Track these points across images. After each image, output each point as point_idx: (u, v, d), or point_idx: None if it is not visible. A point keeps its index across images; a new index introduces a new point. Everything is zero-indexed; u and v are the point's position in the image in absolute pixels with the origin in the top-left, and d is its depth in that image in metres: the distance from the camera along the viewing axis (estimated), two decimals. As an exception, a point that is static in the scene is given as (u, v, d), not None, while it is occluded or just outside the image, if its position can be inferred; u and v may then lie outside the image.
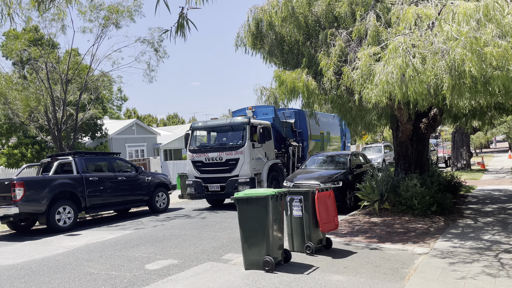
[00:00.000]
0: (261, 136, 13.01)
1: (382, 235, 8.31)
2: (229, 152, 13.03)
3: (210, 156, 13.35)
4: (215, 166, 13.25)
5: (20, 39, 16.91)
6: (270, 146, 13.97)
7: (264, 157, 13.52)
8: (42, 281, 6.30)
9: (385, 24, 8.23)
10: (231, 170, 12.95)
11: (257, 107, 15.22)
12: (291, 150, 15.32)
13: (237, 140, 13.22)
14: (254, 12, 10.12)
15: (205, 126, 14.09)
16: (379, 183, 10.40)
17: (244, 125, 13.16)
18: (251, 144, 12.95)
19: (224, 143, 13.55)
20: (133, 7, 16.92)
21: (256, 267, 6.17)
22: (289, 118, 16.62)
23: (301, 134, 16.37)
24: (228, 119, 13.87)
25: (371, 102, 7.31)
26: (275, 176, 13.87)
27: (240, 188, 12.50)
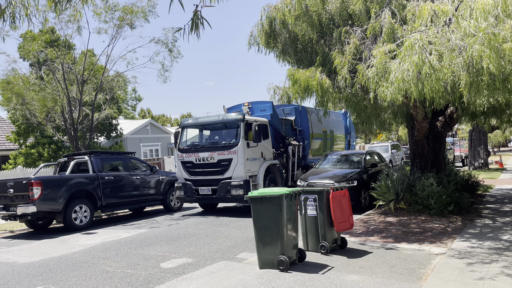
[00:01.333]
0: (256, 135, 11.76)
1: (398, 235, 8.22)
2: (221, 152, 11.87)
3: (201, 156, 12.16)
4: (206, 167, 12.09)
5: (37, 41, 17.18)
6: (267, 145, 12.85)
7: (261, 158, 12.40)
8: (60, 278, 6.39)
9: (401, 21, 8.13)
10: (224, 172, 11.79)
11: (253, 103, 14.14)
12: (291, 150, 14.19)
13: (230, 138, 12.08)
14: (267, 10, 10.11)
15: (195, 123, 12.91)
16: (394, 182, 10.28)
17: (238, 122, 11.94)
18: (246, 143, 11.81)
19: (216, 142, 12.44)
20: (147, 7, 17.05)
21: (270, 266, 6.16)
22: (289, 115, 15.46)
23: (301, 133, 15.19)
24: (220, 116, 12.44)
25: (386, 100, 7.22)
26: (272, 178, 12.73)
27: (233, 192, 11.49)
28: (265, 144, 12.66)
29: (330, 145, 17.28)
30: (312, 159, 15.50)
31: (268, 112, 13.79)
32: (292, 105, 15.04)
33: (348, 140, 19.35)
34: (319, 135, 16.21)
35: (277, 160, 13.25)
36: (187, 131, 13.09)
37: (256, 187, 11.76)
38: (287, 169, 14.09)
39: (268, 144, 12.84)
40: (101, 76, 18.14)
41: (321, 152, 16.25)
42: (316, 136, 15.94)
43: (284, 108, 15.35)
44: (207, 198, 12.17)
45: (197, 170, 12.25)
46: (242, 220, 10.91)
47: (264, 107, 13.97)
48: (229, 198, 11.58)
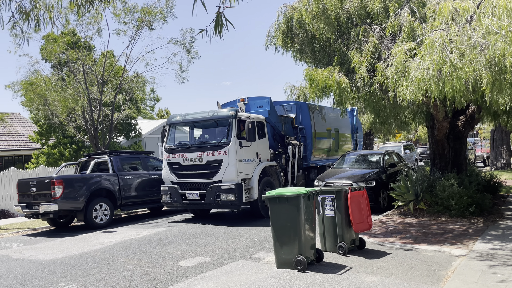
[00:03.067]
0: (250, 133, 10.57)
1: (417, 236, 8.10)
2: (211, 152, 10.71)
3: (189, 156, 11.02)
4: (194, 169, 10.97)
5: (58, 42, 17.54)
6: (264, 145, 11.65)
7: (255, 159, 11.19)
8: (81, 275, 6.52)
9: (420, 19, 8.02)
10: (213, 175, 10.65)
11: (250, 98, 12.96)
12: (291, 150, 12.88)
13: (221, 137, 10.91)
14: (284, 10, 10.10)
15: (183, 120, 11.68)
16: (414, 182, 10.14)
17: (229, 119, 10.78)
18: (238, 142, 10.62)
19: (205, 141, 11.33)
20: (165, 8, 17.23)
21: (288, 266, 6.15)
22: (289, 112, 14.19)
23: (303, 131, 13.90)
24: (210, 112, 11.26)
25: (405, 99, 7.14)
26: (268, 181, 11.50)
27: (223, 197, 10.40)
28: (261, 143, 11.51)
29: (335, 145, 16.01)
30: (315, 160, 14.53)
31: (265, 108, 12.57)
32: (292, 101, 14.11)
33: (355, 140, 18.05)
34: (322, 134, 14.96)
35: (274, 162, 12.08)
36: (175, 129, 12.12)
37: (250, 192, 10.74)
38: (286, 171, 12.89)
39: (264, 144, 11.70)
40: (121, 77, 18.41)
41: (325, 153, 15.26)
42: (320, 135, 14.69)
43: (284, 105, 14.30)
44: (195, 204, 11.03)
45: (185, 173, 11.14)
46: (259, 220, 10.90)
47: (261, 103, 12.79)
48: (219, 204, 10.54)
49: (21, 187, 11.30)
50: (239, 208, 10.62)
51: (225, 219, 11.51)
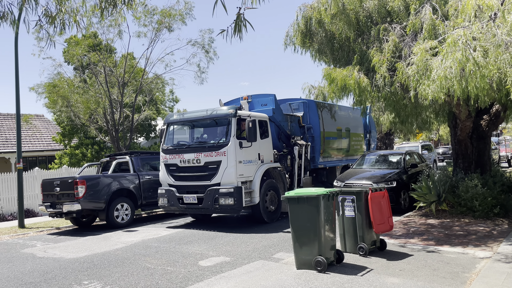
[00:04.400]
0: (251, 132, 9.93)
1: (440, 237, 7.96)
2: (209, 153, 10.08)
3: (186, 158, 10.41)
4: (191, 171, 10.36)
5: (81, 45, 17.92)
6: (266, 145, 10.95)
7: (257, 160, 10.51)
8: (103, 274, 6.64)
9: (442, 17, 7.88)
10: (211, 177, 10.01)
11: (254, 96, 12.37)
12: (297, 151, 12.09)
13: (220, 137, 10.26)
14: (303, 10, 10.07)
15: (181, 119, 11.12)
16: (436, 183, 9.97)
17: (229, 117, 10.13)
18: (238, 142, 9.98)
19: (203, 141, 10.62)
20: (184, 10, 17.42)
21: (308, 267, 6.13)
22: (296, 110, 13.45)
23: (310, 131, 13.17)
24: (209, 110, 10.66)
25: (427, 98, 7.01)
26: (272, 184, 10.84)
27: (221, 201, 9.74)
28: (264, 143, 10.83)
29: (346, 145, 15.16)
30: (324, 161, 13.70)
31: (269, 106, 11.94)
32: (299, 99, 13.52)
33: (367, 140, 16.98)
34: (332, 134, 14.13)
35: (278, 163, 11.35)
36: (173, 129, 11.40)
37: (251, 195, 10.12)
38: (292, 173, 12.09)
39: (267, 144, 10.98)
40: (141, 78, 18.68)
41: (335, 153, 14.46)
42: (329, 135, 13.88)
43: (291, 103, 13.58)
44: (193, 208, 10.40)
45: (182, 175, 10.53)
46: (278, 220, 10.89)
47: (265, 101, 12.15)
48: (217, 209, 9.95)
49: (45, 187, 11.58)
50: (238, 213, 10.25)
51: (243, 220, 11.53)
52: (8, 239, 10.60)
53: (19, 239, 10.57)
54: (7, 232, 11.60)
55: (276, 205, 10.87)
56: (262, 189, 10.39)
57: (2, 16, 4.65)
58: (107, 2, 4.62)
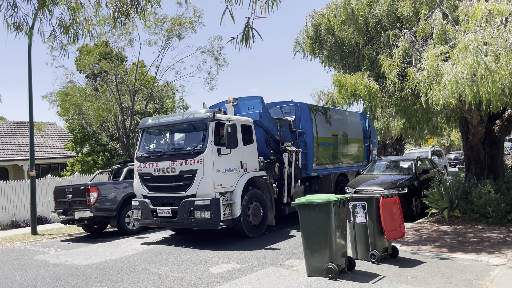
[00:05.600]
0: (230, 138, 9.08)
1: (452, 244, 7.86)
2: (184, 161, 9.20)
3: (161, 166, 9.52)
4: (166, 180, 9.49)
5: (92, 54, 18.18)
6: (250, 152, 10.04)
7: (239, 168, 9.61)
8: (115, 281, 6.67)
9: (452, 22, 7.85)
10: (186, 187, 9.11)
11: (240, 99, 11.45)
12: (286, 158, 11.05)
13: (196, 143, 9.38)
14: (312, 17, 10.11)
15: (156, 124, 10.27)
16: (448, 189, 9.86)
17: (206, 121, 9.25)
18: (216, 149, 9.10)
19: (179, 148, 9.79)
20: (193, 17, 17.59)
21: (319, 274, 6.09)
22: (288, 114, 12.44)
23: (303, 136, 12.14)
24: (185, 114, 9.99)
25: (438, 104, 6.98)
26: (256, 195, 9.89)
27: (196, 215, 8.80)
28: (247, 150, 9.95)
29: (343, 151, 14.05)
30: (317, 169, 12.62)
31: (256, 110, 11.05)
32: (291, 102, 12.65)
33: (367, 146, 15.64)
34: (327, 139, 13.09)
35: (264, 172, 10.42)
36: (149, 135, 10.59)
37: (231, 207, 9.24)
38: (281, 182, 11.08)
39: (251, 151, 10.08)
40: (151, 86, 18.87)
41: (330, 160, 13.29)
42: (323, 141, 12.85)
43: (282, 106, 12.59)
44: (167, 222, 9.50)
45: (156, 185, 9.67)
46: (289, 228, 10.85)
47: (252, 104, 11.26)
48: (193, 223, 8.98)
49: (58, 194, 11.71)
50: (216, 227, 9.22)
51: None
52: (21, 246, 10.71)
53: (32, 245, 10.68)
54: (20, 239, 11.73)
55: (261, 218, 9.94)
56: (244, 201, 9.48)
57: (18, 26, 4.76)
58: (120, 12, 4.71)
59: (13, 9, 4.65)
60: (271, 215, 10.22)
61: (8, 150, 22.80)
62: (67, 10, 4.82)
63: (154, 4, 4.79)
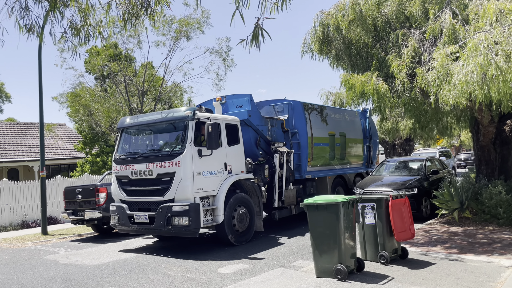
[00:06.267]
0: (211, 138, 8.46)
1: (463, 245, 7.79)
2: (161, 163, 8.58)
3: (138, 169, 8.91)
4: (143, 184, 8.86)
5: (101, 56, 18.33)
6: (236, 153, 9.44)
7: (223, 170, 8.99)
8: (124, 281, 6.71)
9: (462, 22, 7.79)
10: (164, 192, 8.47)
11: (229, 97, 10.93)
12: (277, 159, 10.44)
13: (175, 144, 8.84)
14: (320, 17, 10.09)
15: (135, 123, 9.62)
16: (458, 190, 9.77)
17: (185, 120, 8.64)
18: (196, 150, 8.47)
19: (157, 150, 9.18)
20: (201, 18, 17.65)
21: (327, 275, 6.07)
22: (281, 113, 11.79)
23: (296, 136, 11.50)
24: (164, 113, 9.31)
25: (448, 104, 6.93)
26: (242, 199, 9.26)
27: (174, 221, 8.15)
28: (233, 151, 9.34)
29: (340, 152, 13.28)
30: (312, 170, 11.94)
31: (245, 108, 10.39)
32: (284, 100, 12.02)
33: (367, 146, 14.85)
34: (322, 139, 12.40)
35: (251, 174, 9.78)
36: (129, 135, 9.94)
37: (213, 213, 8.61)
38: (272, 185, 10.45)
39: (237, 152, 9.48)
40: (160, 87, 18.96)
41: (326, 162, 12.66)
42: (318, 141, 12.15)
43: (274, 105, 11.95)
44: (145, 229, 8.87)
45: (134, 189, 9.04)
46: (298, 229, 10.81)
47: (240, 102, 10.63)
48: (170, 230, 8.31)
49: (68, 194, 11.81)
50: (195, 235, 8.40)
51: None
52: (32, 246, 10.82)
53: (42, 245, 10.79)
54: (30, 239, 11.85)
55: (248, 224, 9.27)
56: (229, 205, 8.84)
57: (30, 29, 4.82)
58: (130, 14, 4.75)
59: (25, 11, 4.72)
60: (259, 220, 9.60)
61: (18, 151, 23.04)
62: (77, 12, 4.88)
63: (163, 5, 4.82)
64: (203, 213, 8.30)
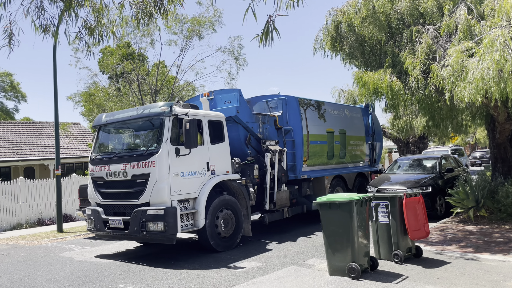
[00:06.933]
0: (189, 136, 7.74)
1: (479, 244, 7.68)
2: (136, 164, 7.95)
3: (112, 170, 8.30)
4: (119, 186, 8.24)
5: (115, 55, 18.50)
6: (221, 152, 8.78)
7: (205, 171, 8.33)
8: (138, 277, 6.78)
9: (478, 17, 7.67)
10: (139, 194, 7.85)
11: (217, 92, 10.39)
12: (268, 158, 9.68)
13: (151, 143, 8.27)
14: (333, 14, 10.05)
15: (111, 120, 8.93)
16: (473, 188, 9.63)
17: (161, 116, 7.99)
18: (174, 149, 7.82)
19: (132, 149, 8.74)
20: (213, 17, 17.69)
21: (341, 273, 6.04)
22: (275, 109, 11.04)
23: (290, 134, 10.78)
24: (139, 109, 8.59)
25: (463, 101, 6.84)
26: (227, 201, 8.59)
27: (149, 227, 7.53)
28: (216, 150, 8.67)
29: (340, 150, 12.44)
30: (308, 170, 11.19)
31: (233, 104, 9.81)
32: (278, 95, 11.25)
33: (370, 144, 13.89)
34: (320, 137, 11.57)
35: (237, 175, 9.10)
36: (106, 133, 9.37)
37: (194, 217, 7.98)
38: (263, 186, 9.78)
39: (221, 151, 8.82)
40: (172, 86, 19.07)
41: (324, 161, 11.86)
42: (315, 139, 11.38)
43: (268, 100, 11.23)
44: (120, 234, 8.20)
45: (109, 191, 8.43)
46: (311, 227, 10.79)
47: (229, 98, 10.05)
48: (145, 236, 7.68)
49: (82, 192, 11.94)
50: (172, 242, 7.70)
51: (274, 227, 11.49)
52: (48, 243, 11.00)
53: (58, 243, 10.95)
54: (46, 236, 12.05)
55: (233, 229, 8.62)
56: (212, 209, 8.20)
57: (45, 29, 4.89)
58: (143, 13, 4.79)
59: (40, 11, 4.79)
60: (247, 224, 8.94)
61: (34, 150, 23.42)
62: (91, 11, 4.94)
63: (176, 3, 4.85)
64: (181, 218, 7.71)
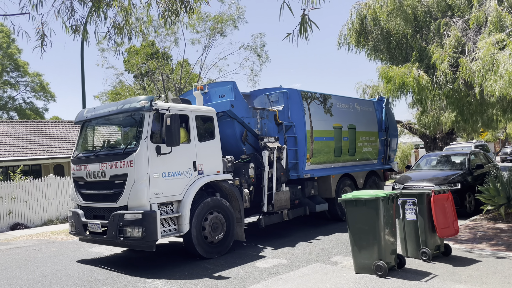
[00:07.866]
0: (170, 133, 7.05)
1: (510, 242, 7.45)
2: (114, 163, 7.34)
3: (92, 169, 7.73)
4: (97, 187, 7.70)
5: (140, 54, 18.83)
6: (210, 150, 8.07)
7: (191, 171, 7.64)
8: (166, 273, 6.88)
9: (509, 8, 7.41)
10: (117, 197, 7.24)
11: (211, 85, 9.85)
12: (266, 156, 8.93)
13: (130, 140, 7.71)
14: (357, 8, 9.92)
15: (92, 116, 8.29)
16: (505, 185, 9.35)
17: (141, 111, 7.31)
18: (154, 147, 7.16)
19: (112, 147, 8.29)
20: (236, 14, 17.75)
21: (367, 271, 5.98)
22: (276, 103, 10.28)
23: (292, 130, 10.05)
24: (119, 103, 7.85)
25: (494, 95, 6.63)
26: (216, 203, 7.89)
27: (127, 232, 6.94)
28: (204, 148, 7.96)
29: (349, 147, 11.49)
30: (313, 169, 10.34)
31: (228, 97, 9.11)
32: (280, 88, 10.43)
33: (384, 140, 12.84)
34: (325, 133, 10.72)
35: (229, 175, 8.37)
36: (90, 130, 8.74)
37: (178, 221, 7.33)
38: (260, 186, 9.06)
39: (211, 148, 8.11)
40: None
41: (331, 159, 10.96)
42: (320, 135, 10.52)
43: (269, 94, 10.47)
44: (100, 240, 7.69)
45: (89, 193, 7.89)
46: (335, 225, 10.71)
47: (223, 91, 9.35)
48: (124, 242, 7.13)
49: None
50: (151, 249, 7.09)
51: (298, 224, 11.45)
52: (77, 239, 11.29)
53: (87, 238, 11.23)
54: (76, 231, 12.36)
55: (223, 234, 7.90)
56: (198, 212, 7.51)
57: (75, 29, 5.02)
58: (170, 12, 4.84)
59: (71, 12, 4.92)
60: (240, 228, 8.29)
61: (63, 148, 24.08)
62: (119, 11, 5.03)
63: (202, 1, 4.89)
64: (163, 222, 7.12)
